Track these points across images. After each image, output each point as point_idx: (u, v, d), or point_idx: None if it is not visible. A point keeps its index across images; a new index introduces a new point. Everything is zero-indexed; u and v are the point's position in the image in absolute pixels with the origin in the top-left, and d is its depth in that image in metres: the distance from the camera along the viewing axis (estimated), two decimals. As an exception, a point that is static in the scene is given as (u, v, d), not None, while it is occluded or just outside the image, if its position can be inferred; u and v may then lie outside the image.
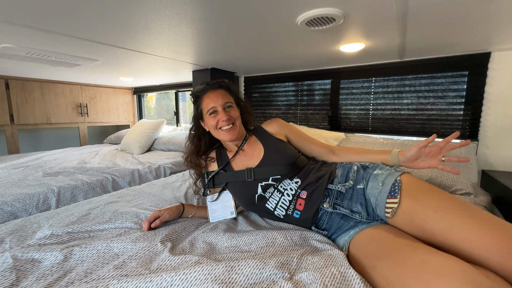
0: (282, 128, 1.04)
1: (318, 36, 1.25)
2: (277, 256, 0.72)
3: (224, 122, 0.92)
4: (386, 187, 0.78)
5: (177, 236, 0.88)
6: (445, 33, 1.20)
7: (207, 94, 0.96)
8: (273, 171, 0.91)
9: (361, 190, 0.85)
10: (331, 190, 0.88)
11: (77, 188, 1.49)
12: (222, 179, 0.99)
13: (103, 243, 0.79)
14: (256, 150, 0.99)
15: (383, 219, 0.79)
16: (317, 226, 0.88)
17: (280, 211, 0.90)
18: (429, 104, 1.67)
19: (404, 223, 0.73)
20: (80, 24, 1.11)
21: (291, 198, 0.89)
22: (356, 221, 0.82)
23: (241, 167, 0.98)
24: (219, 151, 1.06)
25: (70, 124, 3.10)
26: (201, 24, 1.08)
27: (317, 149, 1.03)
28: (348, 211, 0.83)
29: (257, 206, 0.94)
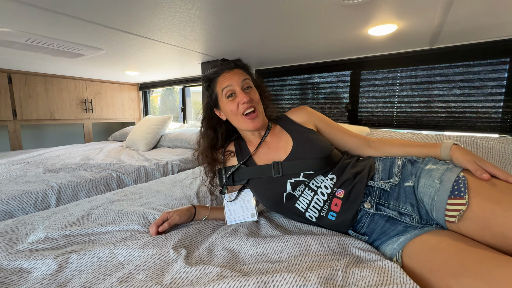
0: (311, 116, 0.89)
1: (347, 14, 1.10)
2: (317, 269, 0.58)
3: (245, 105, 0.78)
4: (447, 185, 0.64)
5: (192, 241, 0.75)
6: (492, 8, 1.04)
7: (223, 74, 0.82)
8: (305, 166, 0.77)
9: (410, 189, 0.71)
10: (372, 188, 0.74)
11: (79, 185, 1.38)
12: (244, 175, 0.85)
13: (105, 249, 0.66)
14: (282, 142, 0.85)
15: (441, 223, 0.65)
16: (355, 230, 0.74)
17: (313, 212, 0.76)
18: (464, 95, 1.51)
19: (474, 229, 0.58)
20: (84, 2, 0.98)
21: (326, 197, 0.75)
22: (406, 225, 0.68)
23: (264, 161, 0.84)
24: (238, 144, 0.92)
25: (75, 120, 3.00)
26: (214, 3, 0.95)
27: (351, 141, 0.88)
28: (395, 213, 0.69)
29: (285, 207, 0.80)
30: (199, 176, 1.46)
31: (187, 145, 2.36)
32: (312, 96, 2.11)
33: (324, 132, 0.90)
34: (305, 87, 2.13)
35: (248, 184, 0.87)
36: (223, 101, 0.82)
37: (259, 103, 0.84)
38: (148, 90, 3.62)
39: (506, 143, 1.28)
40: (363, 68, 1.83)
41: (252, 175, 0.84)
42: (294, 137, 0.83)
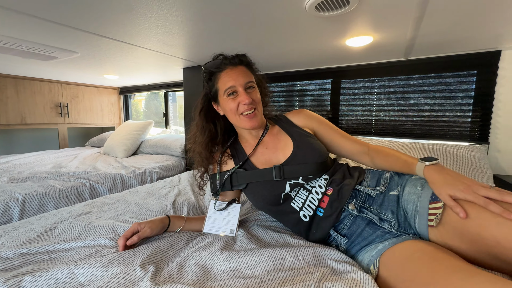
0: (311, 120, 0.89)
1: (325, 26, 1.12)
2: (289, 284, 0.57)
3: (246, 106, 0.77)
4: (428, 191, 0.66)
5: (162, 256, 0.71)
6: (459, 24, 1.10)
7: (226, 71, 0.80)
8: (305, 170, 0.78)
9: (394, 197, 0.72)
10: (359, 192, 0.76)
11: (47, 196, 1.29)
12: (243, 180, 0.82)
13: (64, 269, 0.61)
14: (281, 143, 0.84)
15: (420, 232, 0.65)
16: (336, 230, 0.75)
17: (307, 211, 0.77)
18: (436, 105, 1.58)
19: (451, 234, 0.60)
20: (53, 4, 0.94)
21: (321, 196, 0.77)
22: (384, 231, 0.69)
23: (262, 162, 0.83)
24: (233, 147, 0.90)
25: (48, 125, 2.85)
26: (195, 4, 0.94)
27: (349, 146, 0.87)
28: (377, 218, 0.71)
29: (281, 206, 0.80)
30: (178, 184, 1.42)
31: (168, 151, 2.30)
32: (295, 104, 2.13)
33: (321, 136, 0.89)
34: (289, 94, 2.15)
35: (246, 187, 0.84)
36: (223, 98, 0.80)
37: (259, 103, 0.83)
38: (129, 94, 3.52)
39: (475, 151, 1.35)
40: (343, 77, 1.87)
41: (251, 179, 0.82)
42: (295, 140, 0.83)
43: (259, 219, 0.99)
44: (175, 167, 2.11)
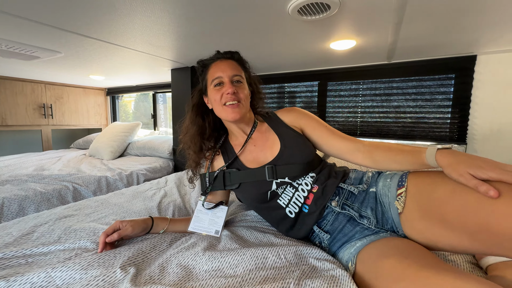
0: (301, 118, 0.88)
1: (308, 29, 1.15)
2: (269, 282, 0.58)
3: (228, 96, 0.77)
4: (395, 180, 0.70)
5: (144, 257, 0.70)
6: (437, 30, 1.16)
7: (216, 62, 0.82)
8: (293, 170, 0.79)
9: (373, 194, 0.75)
10: (342, 189, 0.78)
11: (27, 199, 1.25)
12: (236, 180, 0.83)
13: (41, 273, 0.60)
14: (269, 142, 0.85)
15: (396, 223, 0.68)
16: (320, 226, 0.77)
17: (293, 208, 0.78)
18: (417, 107, 1.64)
19: (417, 217, 0.62)
20: (33, 3, 0.92)
21: (307, 194, 0.78)
22: (363, 227, 0.71)
23: (250, 160, 0.84)
24: (224, 145, 0.91)
25: (31, 126, 2.76)
26: (178, 7, 0.94)
27: (339, 144, 0.82)
28: (357, 214, 0.73)
29: (268, 204, 0.82)
30: (164, 186, 1.41)
31: (156, 153, 2.27)
32: (283, 106, 2.15)
33: (310, 134, 0.87)
34: (278, 96, 2.17)
35: (238, 187, 0.84)
36: (210, 88, 0.82)
37: (246, 99, 0.82)
38: (116, 95, 3.46)
39: None
40: (330, 79, 1.91)
41: (244, 179, 0.82)
42: (282, 139, 0.84)
43: (245, 220, 1.00)
44: (163, 169, 2.08)
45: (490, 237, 0.49)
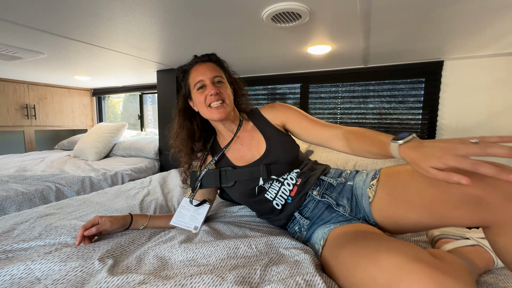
0: (283, 113, 0.90)
1: (285, 35, 1.22)
2: (238, 269, 0.63)
3: (212, 97, 0.81)
4: (370, 175, 0.79)
5: (122, 251, 0.74)
6: (405, 37, 1.25)
7: (195, 67, 0.86)
8: (279, 169, 0.85)
9: (350, 186, 0.82)
10: (323, 181, 0.86)
11: (8, 199, 1.26)
12: (231, 178, 0.87)
13: (21, 266, 0.63)
14: (254, 141, 0.90)
15: (367, 211, 0.75)
16: (301, 213, 0.84)
17: (279, 200, 0.85)
18: (391, 108, 1.74)
19: (386, 203, 0.70)
20: (15, 5, 0.94)
21: (292, 187, 0.84)
22: (339, 214, 0.79)
23: (238, 158, 0.89)
24: (213, 145, 0.96)
25: (13, 127, 2.71)
26: (158, 12, 0.99)
27: (319, 132, 0.84)
28: (334, 202, 0.80)
29: (256, 197, 0.87)
30: (148, 185, 1.44)
31: (141, 154, 2.28)
32: (267, 106, 2.22)
33: (292, 127, 0.89)
34: (262, 98, 2.24)
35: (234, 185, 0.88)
36: (194, 92, 0.85)
37: (228, 97, 0.85)
38: (103, 96, 3.43)
39: None
40: (311, 81, 1.99)
41: (239, 177, 0.86)
42: (268, 139, 0.88)
43: (225, 216, 1.05)
44: (148, 169, 2.10)
45: (444, 205, 0.57)
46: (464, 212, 0.55)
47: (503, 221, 0.50)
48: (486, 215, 0.52)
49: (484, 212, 0.52)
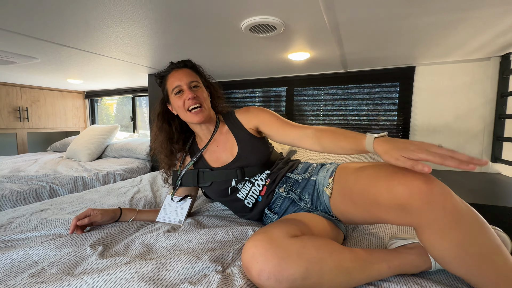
0: (256, 116, 0.96)
1: (265, 43, 1.32)
2: (214, 251, 0.72)
3: (190, 101, 0.87)
4: (329, 172, 0.83)
5: (112, 239, 0.83)
6: (376, 45, 1.36)
7: (172, 73, 0.92)
8: (250, 171, 0.92)
9: (313, 182, 0.88)
10: (289, 178, 0.92)
11: (3, 198, 1.32)
12: (208, 178, 0.94)
13: (20, 251, 0.71)
14: (228, 144, 0.96)
15: (328, 204, 0.81)
16: (270, 209, 0.92)
17: (250, 199, 0.92)
18: (369, 110, 1.86)
19: (339, 201, 0.77)
20: (11, 14, 1.02)
21: (261, 188, 0.92)
22: (300, 208, 0.87)
23: (214, 160, 0.97)
24: (191, 146, 1.03)
25: (6, 130, 2.74)
26: (145, 23, 1.08)
27: (289, 132, 0.90)
28: (297, 197, 0.87)
29: (229, 197, 0.95)
30: (139, 184, 1.51)
31: (133, 154, 2.35)
32: (254, 109, 2.31)
33: (265, 129, 0.95)
34: (249, 101, 2.33)
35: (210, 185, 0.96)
36: (172, 97, 0.91)
37: (205, 100, 0.92)
38: (95, 99, 3.48)
39: None
40: (295, 85, 2.10)
41: (215, 178, 0.94)
42: (239, 142, 0.95)
43: (208, 210, 1.14)
44: (140, 169, 2.17)
45: (379, 209, 0.62)
46: (394, 216, 0.58)
47: (424, 224, 0.54)
48: (411, 219, 0.55)
49: (409, 216, 0.55)
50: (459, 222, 0.52)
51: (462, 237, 0.52)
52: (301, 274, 0.52)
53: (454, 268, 0.55)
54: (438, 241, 0.54)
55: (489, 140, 1.58)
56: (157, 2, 0.90)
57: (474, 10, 0.95)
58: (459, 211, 0.52)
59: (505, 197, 1.19)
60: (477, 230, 0.53)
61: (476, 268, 0.53)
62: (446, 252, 0.54)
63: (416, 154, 0.53)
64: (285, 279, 0.52)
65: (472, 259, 0.52)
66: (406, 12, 0.97)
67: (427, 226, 0.54)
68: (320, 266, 0.54)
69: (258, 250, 0.55)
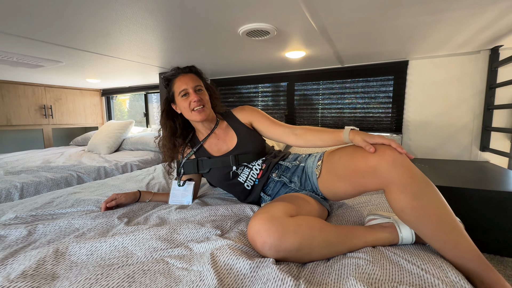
0: (251, 114, 1.13)
1: (262, 45, 1.45)
2: (215, 222, 0.89)
3: (195, 103, 1.01)
4: (317, 157, 0.99)
5: (134, 214, 1.02)
6: (366, 43, 1.47)
7: (179, 77, 1.04)
8: (248, 158, 1.08)
9: (302, 167, 1.03)
10: (281, 165, 1.08)
11: (41, 184, 1.55)
12: (207, 166, 1.10)
13: (64, 221, 0.91)
14: (228, 136, 1.12)
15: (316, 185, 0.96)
16: (265, 192, 1.07)
17: (250, 182, 1.07)
18: (365, 103, 1.96)
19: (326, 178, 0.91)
20: (42, 27, 1.20)
21: (258, 171, 1.07)
22: (291, 188, 1.02)
23: (215, 150, 1.12)
24: (192, 140, 1.18)
25: (33, 126, 3.03)
26: (156, 31, 1.24)
27: (277, 130, 1.08)
28: (288, 180, 1.03)
29: (231, 181, 1.09)
30: (153, 172, 1.71)
31: (147, 147, 2.57)
32: (257, 104, 2.46)
33: (257, 126, 1.12)
34: (251, 96, 2.48)
35: (209, 172, 1.12)
36: (178, 98, 1.04)
37: (207, 102, 1.06)
38: (111, 96, 3.73)
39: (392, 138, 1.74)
40: (295, 80, 2.22)
41: (213, 165, 1.10)
42: (238, 134, 1.11)
43: (213, 194, 1.31)
44: (153, 160, 2.39)
45: (357, 176, 0.79)
46: (369, 179, 0.76)
47: (390, 181, 0.72)
48: (381, 179, 0.73)
49: (379, 177, 0.73)
50: (415, 178, 0.69)
51: (416, 191, 0.68)
52: (295, 247, 0.67)
53: (409, 219, 0.70)
54: (399, 195, 0.69)
55: (478, 130, 1.66)
56: (167, 14, 1.06)
57: (448, 12, 1.04)
58: (415, 171, 0.70)
59: (491, 182, 1.30)
60: (428, 187, 0.69)
61: (425, 218, 0.67)
62: (405, 204, 0.69)
63: (374, 140, 0.77)
64: (282, 250, 0.67)
65: (424, 209, 0.67)
66: (387, 15, 1.08)
67: (392, 183, 0.70)
68: (311, 241, 0.70)
69: (262, 227, 0.69)
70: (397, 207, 0.71)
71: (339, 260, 0.69)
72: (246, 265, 0.62)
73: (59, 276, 0.63)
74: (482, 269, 0.65)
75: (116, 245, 0.75)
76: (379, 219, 0.86)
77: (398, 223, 0.79)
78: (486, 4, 0.97)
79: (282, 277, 0.57)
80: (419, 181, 0.69)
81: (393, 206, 0.73)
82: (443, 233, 0.68)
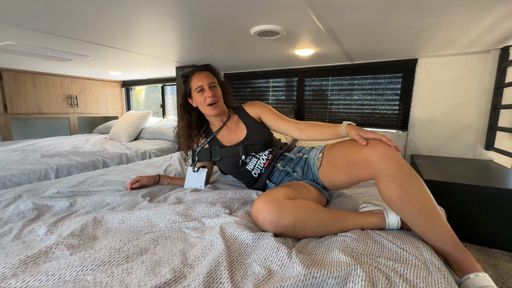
0: (260, 109, 1.25)
1: (273, 43, 1.54)
2: (225, 203, 1.02)
3: (210, 98, 1.12)
4: (319, 150, 1.09)
5: (154, 194, 1.17)
6: (374, 42, 1.52)
7: (195, 74, 1.16)
8: (256, 148, 1.20)
9: (305, 159, 1.14)
10: (286, 156, 1.19)
11: (73, 166, 1.75)
12: (218, 154, 1.23)
13: (98, 197, 1.07)
14: (239, 129, 1.24)
15: (316, 175, 1.06)
16: (270, 180, 1.19)
17: (257, 170, 1.19)
18: (373, 100, 2.01)
19: (326, 169, 1.01)
20: (77, 28, 1.35)
21: (265, 161, 1.19)
22: (294, 177, 1.13)
23: (227, 141, 1.24)
24: (206, 131, 1.31)
25: (61, 114, 3.28)
26: (176, 30, 1.36)
27: (283, 124, 1.19)
28: (291, 170, 1.14)
29: (240, 169, 1.21)
30: (170, 160, 1.87)
31: (164, 137, 2.74)
32: (268, 98, 2.55)
33: (265, 120, 1.23)
34: (263, 90, 2.57)
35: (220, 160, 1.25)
36: (195, 94, 1.16)
37: (221, 97, 1.18)
38: (130, 87, 3.93)
39: (399, 136, 1.79)
40: (305, 76, 2.29)
41: (224, 154, 1.23)
42: (248, 126, 1.23)
43: (223, 181, 1.44)
44: (169, 149, 2.56)
45: (352, 167, 0.88)
46: (362, 169, 0.85)
47: (380, 172, 0.80)
48: (372, 169, 0.82)
49: (371, 168, 0.82)
50: (402, 169, 0.77)
51: (403, 181, 0.76)
52: (291, 223, 0.79)
53: (396, 206, 0.78)
54: (388, 185, 0.78)
55: (484, 129, 1.68)
56: (185, 16, 1.17)
57: (450, 15, 1.09)
58: (403, 163, 0.78)
59: (495, 180, 1.35)
60: (414, 178, 0.77)
61: (410, 205, 0.76)
62: (392, 192, 0.77)
63: (367, 134, 0.86)
64: (280, 226, 0.78)
65: (409, 197, 0.76)
66: (392, 17, 1.14)
67: (381, 173, 0.79)
68: (305, 220, 0.81)
69: (264, 206, 0.81)
70: (386, 195, 0.80)
71: (330, 238, 0.80)
72: (249, 237, 0.75)
73: (99, 237, 0.79)
74: (456, 251, 0.75)
75: (142, 217, 0.89)
76: (371, 207, 0.96)
77: (387, 210, 0.88)
78: (486, 9, 1.01)
79: (278, 246, 0.69)
80: (406, 172, 0.77)
81: (382, 194, 0.81)
82: (425, 219, 0.77)
